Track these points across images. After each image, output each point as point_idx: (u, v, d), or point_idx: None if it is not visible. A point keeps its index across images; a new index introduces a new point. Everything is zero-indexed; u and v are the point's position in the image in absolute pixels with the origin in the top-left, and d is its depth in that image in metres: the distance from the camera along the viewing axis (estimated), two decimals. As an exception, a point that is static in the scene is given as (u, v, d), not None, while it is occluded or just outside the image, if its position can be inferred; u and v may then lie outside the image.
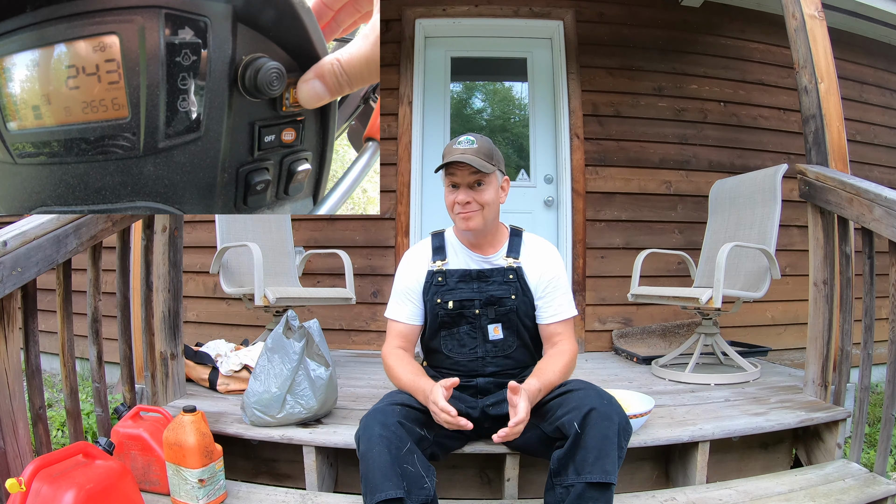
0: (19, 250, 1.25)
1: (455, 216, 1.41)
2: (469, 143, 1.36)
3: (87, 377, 2.94)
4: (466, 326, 1.45)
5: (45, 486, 1.09)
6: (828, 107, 1.90)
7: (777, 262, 2.14)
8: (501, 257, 1.47)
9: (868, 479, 1.53)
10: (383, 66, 3.02)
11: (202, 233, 3.04)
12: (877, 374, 3.00)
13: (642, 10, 3.29)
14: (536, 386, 1.28)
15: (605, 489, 1.14)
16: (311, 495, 1.46)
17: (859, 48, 3.53)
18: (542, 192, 3.30)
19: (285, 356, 1.55)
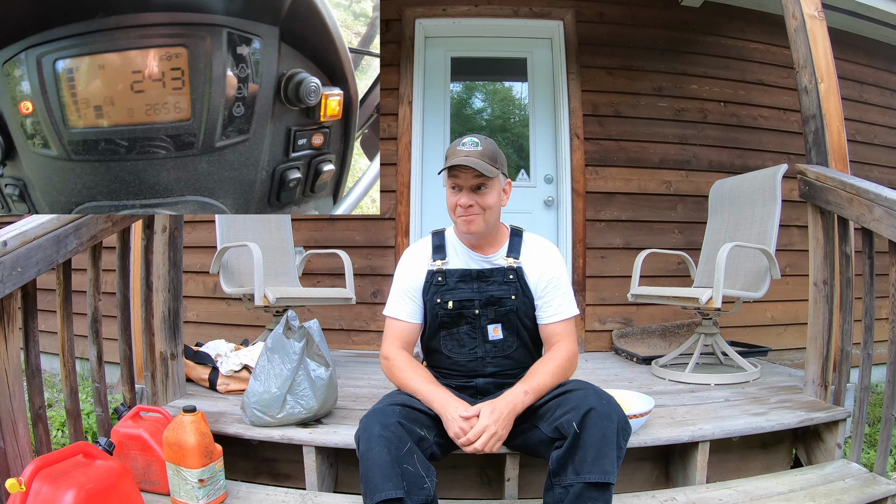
0: (19, 250, 1.25)
1: (456, 218, 1.41)
2: (473, 146, 1.35)
3: (87, 377, 2.94)
4: (466, 326, 1.45)
5: (45, 486, 1.09)
6: (828, 107, 1.90)
7: (777, 262, 2.14)
8: (502, 257, 1.47)
9: (868, 479, 1.53)
10: (383, 66, 3.02)
11: (202, 233, 3.04)
12: (877, 374, 2.99)
13: (642, 10, 3.29)
14: (522, 389, 1.28)
15: (604, 489, 1.13)
16: (311, 495, 1.46)
17: (859, 48, 3.53)
18: (542, 192, 3.30)
19: (285, 356, 1.55)
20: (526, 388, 1.29)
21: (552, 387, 1.32)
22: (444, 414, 1.26)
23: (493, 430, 1.22)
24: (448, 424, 1.25)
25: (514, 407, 1.26)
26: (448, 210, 1.43)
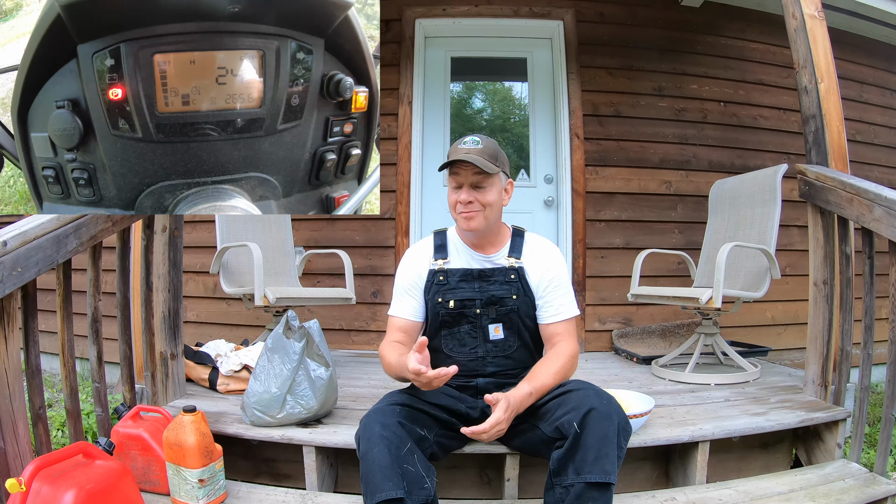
0: (19, 250, 1.25)
1: (457, 215, 1.41)
2: (474, 144, 1.38)
3: (87, 377, 2.93)
4: (467, 326, 1.45)
5: (45, 486, 1.09)
6: (828, 107, 1.90)
7: (777, 262, 2.14)
8: (503, 257, 1.47)
9: (868, 479, 1.53)
10: (383, 66, 3.02)
11: (202, 233, 3.04)
12: (877, 374, 2.99)
13: (642, 10, 3.29)
14: (527, 390, 1.28)
15: (604, 489, 1.13)
16: (311, 495, 1.46)
17: (859, 48, 3.53)
18: (542, 192, 3.30)
19: (285, 356, 1.55)
20: (531, 388, 1.29)
21: (554, 387, 1.33)
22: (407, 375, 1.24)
23: (503, 426, 1.24)
24: (416, 382, 1.24)
25: (520, 406, 1.27)
26: (449, 208, 1.44)
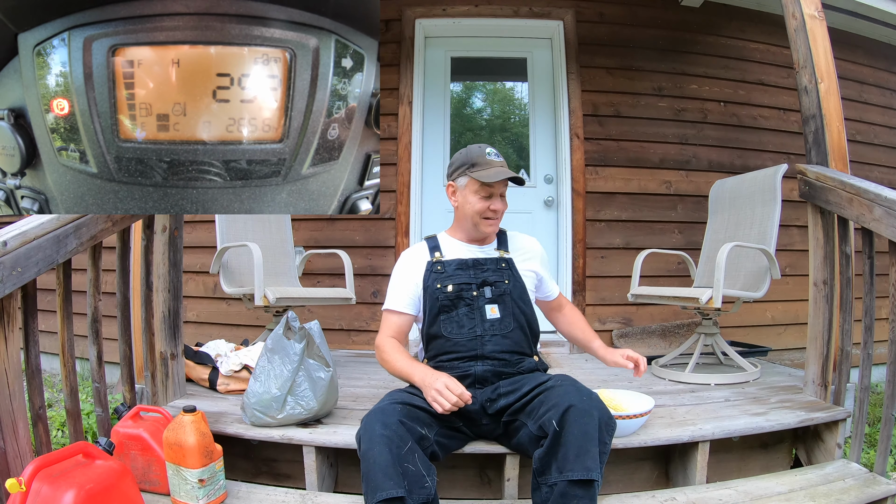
0: (19, 250, 1.25)
1: (481, 221, 1.52)
2: (499, 156, 1.51)
3: (87, 377, 2.94)
4: (465, 308, 1.51)
5: (45, 486, 1.09)
6: (828, 107, 1.90)
7: (777, 262, 2.14)
8: (493, 250, 1.60)
9: (868, 479, 1.53)
10: (383, 66, 3.02)
11: (202, 233, 3.04)
12: (877, 374, 3.00)
13: (642, 10, 3.29)
14: (599, 342, 1.62)
15: (587, 486, 1.13)
16: (311, 495, 1.46)
17: (859, 48, 3.53)
18: (542, 192, 3.30)
19: (286, 357, 1.55)
20: (598, 341, 1.62)
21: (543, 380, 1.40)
22: (424, 382, 1.35)
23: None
24: (426, 391, 1.33)
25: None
26: (470, 214, 1.52)
